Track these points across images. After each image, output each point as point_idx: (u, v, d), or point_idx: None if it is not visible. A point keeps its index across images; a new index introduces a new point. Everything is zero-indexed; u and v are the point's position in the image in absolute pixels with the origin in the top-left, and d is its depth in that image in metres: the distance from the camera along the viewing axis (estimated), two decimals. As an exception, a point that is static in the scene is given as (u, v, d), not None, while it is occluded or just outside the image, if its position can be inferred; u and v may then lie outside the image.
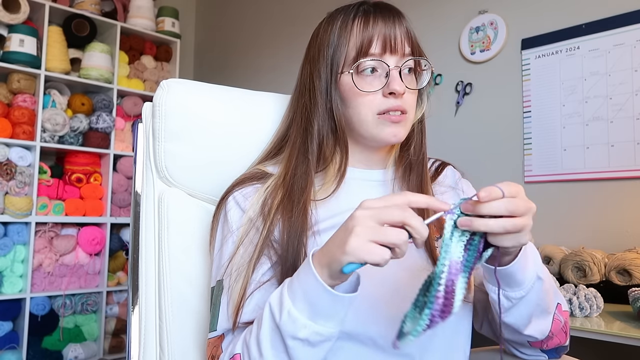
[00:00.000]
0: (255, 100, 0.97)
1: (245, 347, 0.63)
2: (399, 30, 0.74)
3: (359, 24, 0.75)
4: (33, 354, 2.49)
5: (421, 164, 0.81)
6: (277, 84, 2.97)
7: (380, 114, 0.74)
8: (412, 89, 0.76)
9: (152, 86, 3.03)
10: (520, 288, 0.66)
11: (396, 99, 0.73)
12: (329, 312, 0.57)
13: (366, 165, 0.81)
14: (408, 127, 0.77)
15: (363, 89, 0.73)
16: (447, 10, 2.21)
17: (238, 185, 0.78)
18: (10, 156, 2.48)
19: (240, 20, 3.34)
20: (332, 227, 0.73)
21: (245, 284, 0.69)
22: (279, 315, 0.58)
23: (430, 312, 0.52)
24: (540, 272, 0.67)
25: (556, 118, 1.87)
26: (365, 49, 0.73)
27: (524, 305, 0.68)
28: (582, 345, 1.22)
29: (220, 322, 0.69)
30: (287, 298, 0.58)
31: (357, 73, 0.74)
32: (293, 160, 0.77)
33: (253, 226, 0.73)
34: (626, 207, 1.69)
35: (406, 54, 0.75)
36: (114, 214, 2.81)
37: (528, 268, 0.65)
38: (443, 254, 0.54)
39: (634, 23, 1.71)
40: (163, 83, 0.89)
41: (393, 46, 0.73)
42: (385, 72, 0.74)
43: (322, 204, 0.75)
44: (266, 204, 0.74)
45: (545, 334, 0.73)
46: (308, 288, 0.57)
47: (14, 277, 2.50)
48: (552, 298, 0.73)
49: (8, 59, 2.50)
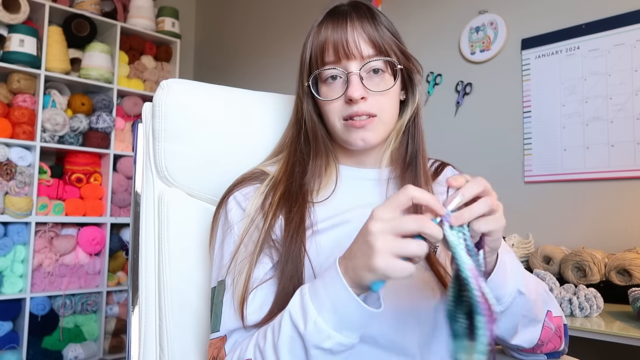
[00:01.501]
0: (256, 100, 0.97)
1: (258, 353, 0.62)
2: (352, 34, 0.72)
3: (316, 32, 0.75)
4: (33, 354, 2.49)
5: (414, 163, 0.79)
6: (278, 84, 2.97)
7: (346, 120, 0.74)
8: (375, 91, 0.73)
9: (152, 86, 3.03)
10: (500, 303, 0.65)
11: (358, 105, 0.72)
12: (356, 325, 0.57)
13: (357, 163, 0.81)
14: (380, 129, 0.75)
15: (326, 96, 0.74)
16: (447, 10, 2.21)
17: (238, 185, 0.79)
18: (10, 156, 2.48)
19: (241, 20, 3.34)
20: (331, 228, 0.73)
21: (247, 281, 0.69)
22: (304, 324, 0.57)
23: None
24: (521, 287, 0.66)
25: (556, 118, 1.87)
26: (320, 58, 0.74)
27: (507, 318, 0.67)
28: (582, 345, 1.22)
29: (224, 323, 0.69)
30: (312, 307, 0.57)
31: (322, 81, 0.75)
32: (290, 159, 0.79)
33: (253, 224, 0.73)
34: (626, 207, 1.69)
35: (366, 56, 0.72)
36: (114, 214, 2.81)
37: (507, 284, 0.64)
38: (460, 263, 0.54)
39: (634, 23, 1.71)
40: (163, 83, 0.89)
41: (348, 51, 0.72)
42: (345, 77, 0.73)
43: (320, 206, 0.75)
44: (266, 201, 0.74)
45: (534, 342, 0.72)
46: (336, 299, 0.56)
47: (14, 277, 2.50)
48: (541, 307, 0.72)
49: (8, 59, 2.50)
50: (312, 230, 0.72)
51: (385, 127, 0.76)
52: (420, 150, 0.80)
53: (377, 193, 0.80)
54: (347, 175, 0.80)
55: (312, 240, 0.72)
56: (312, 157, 0.78)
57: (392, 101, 0.76)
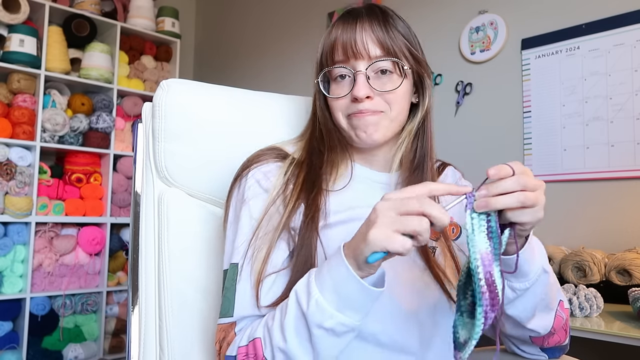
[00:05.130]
0: (256, 100, 0.97)
1: (267, 332, 0.62)
2: (361, 34, 0.73)
3: (329, 32, 0.77)
4: (33, 354, 2.49)
5: (422, 166, 0.79)
6: (278, 84, 2.97)
7: (349, 117, 0.76)
8: (381, 91, 0.74)
9: (152, 86, 3.03)
10: (526, 279, 0.67)
11: (363, 103, 0.74)
12: (356, 304, 0.58)
13: (368, 163, 0.82)
14: (385, 125, 0.76)
15: (334, 94, 0.76)
16: (447, 10, 2.21)
17: (256, 161, 0.78)
18: (10, 156, 2.48)
19: (241, 20, 3.34)
20: (342, 222, 0.74)
21: (263, 266, 0.69)
22: (307, 303, 0.59)
23: (482, 309, 0.53)
24: (546, 266, 0.68)
25: (556, 118, 1.87)
26: (330, 57, 0.75)
27: (529, 297, 0.69)
28: (582, 345, 1.22)
29: (237, 309, 0.69)
30: (315, 287, 0.59)
31: (332, 79, 0.77)
32: (308, 148, 0.80)
33: (274, 206, 0.73)
34: (626, 207, 1.69)
35: (374, 57, 0.73)
36: (114, 214, 2.81)
37: (535, 260, 0.66)
38: (472, 249, 0.55)
39: (634, 23, 1.71)
40: (163, 83, 0.89)
41: (355, 50, 0.73)
42: (352, 76, 0.74)
43: (334, 196, 0.76)
44: (289, 184, 0.75)
45: (548, 329, 0.73)
46: (338, 279, 0.58)
47: (14, 277, 2.50)
48: (556, 294, 0.73)
49: (8, 59, 2.50)
50: (324, 222, 0.73)
51: (391, 124, 0.76)
52: (429, 153, 0.80)
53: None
54: (359, 174, 0.81)
55: (323, 233, 0.72)
56: (327, 150, 0.80)
57: (400, 101, 0.76)
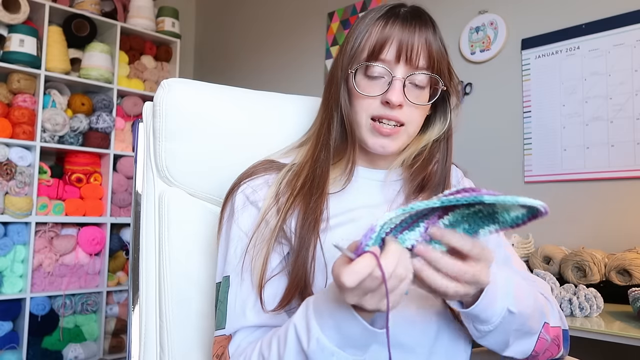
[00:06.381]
0: (256, 99, 0.97)
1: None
2: (418, 40, 0.71)
3: (379, 24, 0.73)
4: (33, 354, 2.49)
5: (443, 184, 0.78)
6: (278, 83, 2.97)
7: (373, 120, 0.73)
8: (413, 102, 0.73)
9: (152, 86, 3.03)
10: (488, 324, 0.64)
11: (392, 109, 0.72)
12: (360, 344, 0.57)
13: (370, 164, 0.81)
14: (403, 140, 0.75)
15: (364, 91, 0.73)
16: (447, 10, 2.21)
17: (246, 177, 0.78)
18: (10, 156, 2.48)
19: (241, 20, 3.34)
20: (342, 224, 0.73)
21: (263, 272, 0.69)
22: (307, 342, 0.57)
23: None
24: (512, 306, 0.63)
25: (556, 118, 1.87)
26: (377, 52, 0.72)
27: (497, 334, 0.66)
28: (582, 345, 1.22)
29: (230, 321, 0.69)
30: (315, 324, 0.56)
31: (364, 74, 0.73)
32: (318, 146, 0.77)
33: (264, 220, 0.72)
34: (626, 207, 1.69)
35: (419, 67, 0.72)
36: (114, 214, 2.81)
37: (495, 306, 0.62)
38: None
39: (634, 23, 1.71)
40: (164, 82, 0.89)
41: (408, 55, 0.71)
42: (391, 79, 0.72)
43: (333, 198, 0.75)
44: (281, 193, 0.73)
45: (527, 353, 0.71)
46: (340, 318, 0.55)
47: (14, 277, 2.50)
48: (538, 319, 0.70)
49: (8, 59, 2.50)
50: (325, 225, 0.72)
51: (408, 138, 0.76)
52: (448, 170, 0.80)
53: (382, 193, 0.79)
54: (359, 175, 0.80)
55: (324, 235, 0.71)
56: (340, 141, 0.77)
57: (421, 115, 0.76)
